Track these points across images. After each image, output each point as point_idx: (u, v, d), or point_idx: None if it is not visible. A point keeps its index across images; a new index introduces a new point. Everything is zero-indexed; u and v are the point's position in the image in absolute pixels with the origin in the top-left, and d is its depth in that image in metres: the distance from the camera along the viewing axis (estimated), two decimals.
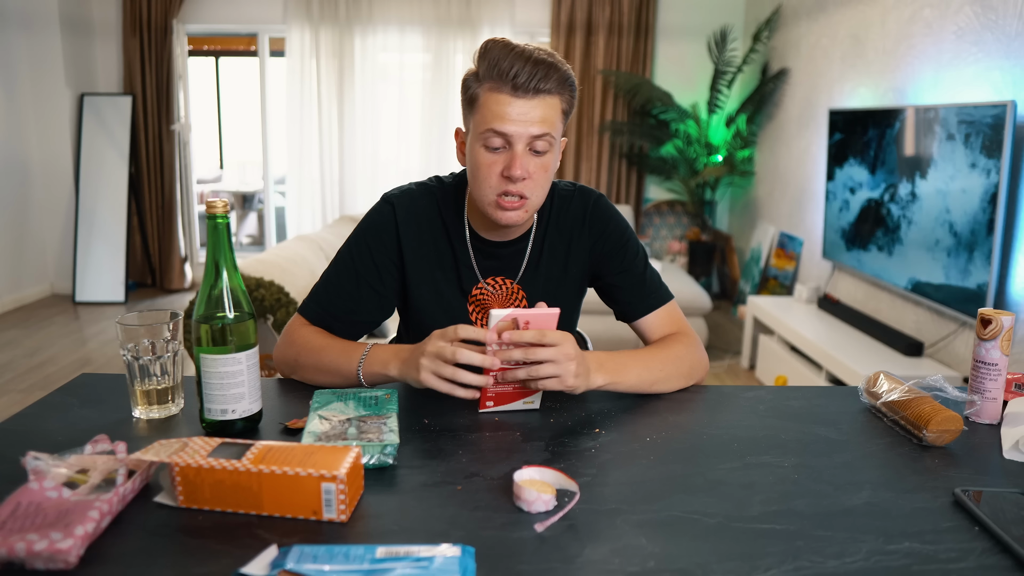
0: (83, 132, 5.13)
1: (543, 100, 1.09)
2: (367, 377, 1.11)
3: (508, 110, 1.08)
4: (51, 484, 0.74)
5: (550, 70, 1.08)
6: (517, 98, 1.08)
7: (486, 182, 1.13)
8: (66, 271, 5.29)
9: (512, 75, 1.07)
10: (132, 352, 1.01)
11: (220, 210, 0.93)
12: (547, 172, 1.14)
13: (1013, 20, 2.54)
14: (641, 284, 1.28)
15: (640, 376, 1.13)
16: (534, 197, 1.15)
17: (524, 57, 1.07)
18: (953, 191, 2.70)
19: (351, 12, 5.22)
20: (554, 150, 1.14)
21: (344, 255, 1.24)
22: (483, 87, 1.10)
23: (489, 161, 1.12)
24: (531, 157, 1.12)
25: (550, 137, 1.11)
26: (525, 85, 1.07)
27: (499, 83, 1.08)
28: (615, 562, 0.70)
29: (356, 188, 5.48)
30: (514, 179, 1.10)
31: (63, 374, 3.64)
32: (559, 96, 1.11)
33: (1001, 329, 1.04)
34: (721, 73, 4.96)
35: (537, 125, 1.09)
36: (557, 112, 1.12)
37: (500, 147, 1.11)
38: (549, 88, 1.09)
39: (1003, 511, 0.79)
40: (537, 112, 1.09)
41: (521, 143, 1.10)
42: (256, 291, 2.43)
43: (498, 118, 1.09)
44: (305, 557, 0.66)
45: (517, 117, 1.09)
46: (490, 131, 1.10)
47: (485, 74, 1.10)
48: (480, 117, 1.11)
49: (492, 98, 1.09)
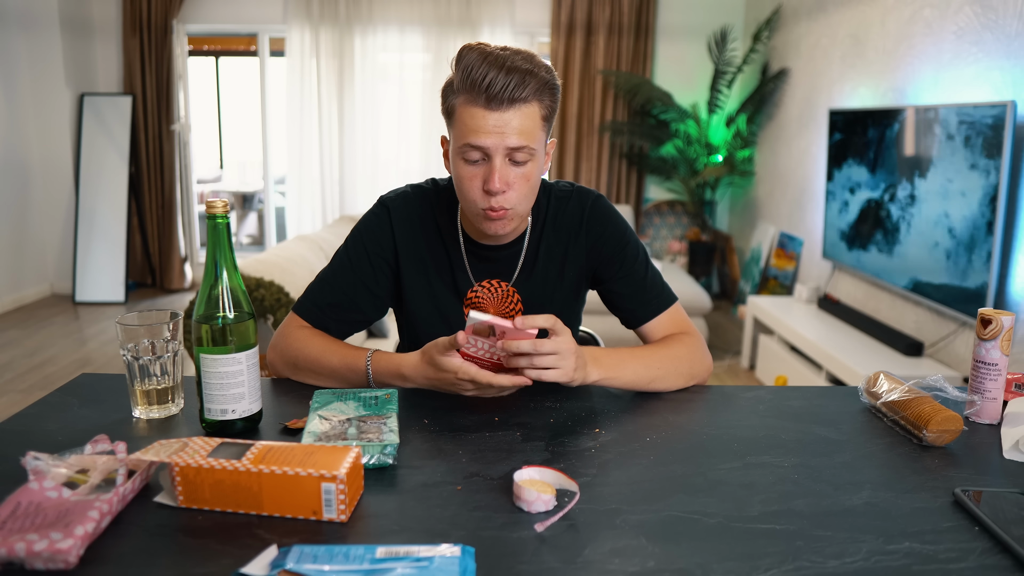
0: (83, 132, 5.13)
1: (519, 110, 1.06)
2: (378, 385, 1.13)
3: (483, 123, 1.06)
4: (51, 484, 0.74)
5: (526, 77, 1.05)
6: (491, 110, 1.05)
7: (468, 195, 1.12)
8: (66, 271, 5.29)
9: (485, 85, 1.04)
10: (132, 352, 1.01)
11: (220, 210, 0.93)
12: (529, 181, 1.12)
13: (1013, 20, 2.54)
14: (643, 289, 1.26)
15: (637, 373, 1.13)
16: (519, 207, 1.13)
17: (498, 65, 1.04)
18: (953, 191, 2.70)
19: (351, 12, 5.22)
20: (536, 159, 1.12)
21: (341, 256, 1.25)
22: (459, 99, 1.08)
23: (469, 174, 1.11)
24: (511, 168, 1.10)
25: (529, 149, 1.09)
26: (499, 96, 1.04)
27: (473, 95, 1.06)
28: (615, 562, 0.70)
29: (356, 188, 5.48)
30: (493, 193, 1.09)
31: (63, 374, 3.64)
32: (538, 103, 1.08)
33: (1001, 329, 1.04)
34: (721, 73, 4.96)
35: (515, 136, 1.07)
36: (535, 120, 1.09)
37: (479, 160, 1.09)
38: (525, 96, 1.06)
39: (1003, 511, 0.79)
40: (514, 123, 1.06)
41: (499, 156, 1.08)
42: (256, 291, 2.43)
43: (473, 132, 1.07)
44: (305, 557, 0.66)
45: (492, 130, 1.06)
46: (467, 145, 1.08)
47: (459, 85, 1.07)
48: (457, 131, 1.10)
49: (467, 112, 1.07)
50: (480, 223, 1.15)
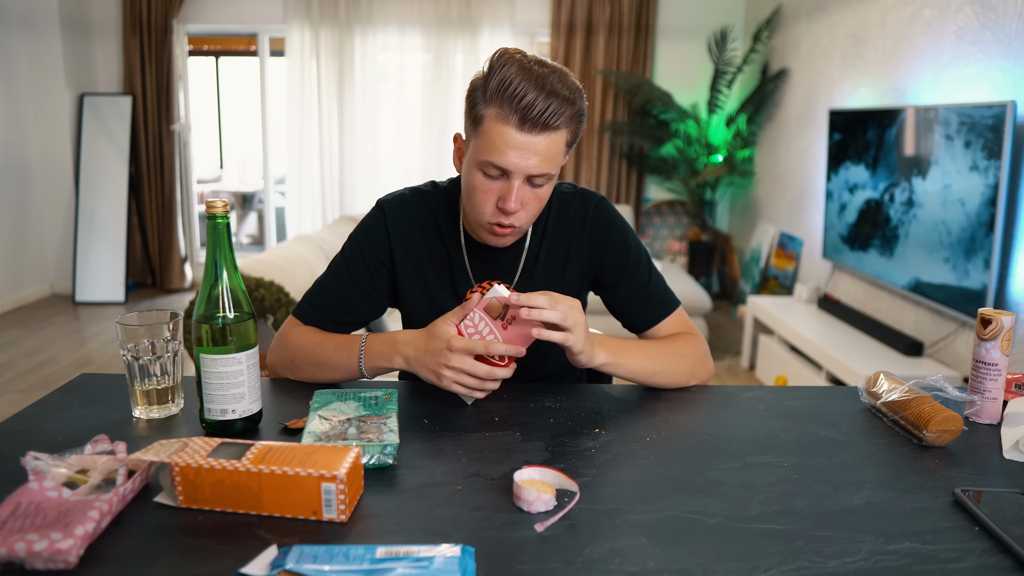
0: (83, 132, 5.13)
1: (549, 136, 1.04)
2: (369, 370, 1.12)
3: (511, 144, 1.03)
4: (51, 484, 0.74)
5: (563, 105, 1.02)
6: (523, 132, 1.03)
7: (480, 207, 1.11)
8: (66, 271, 5.29)
9: (523, 105, 1.01)
10: (132, 352, 1.01)
11: (220, 210, 0.93)
12: (541, 201, 1.12)
13: (1013, 20, 2.54)
14: (646, 294, 1.26)
15: (642, 363, 1.13)
16: (526, 223, 1.13)
17: (538, 86, 1.01)
18: (953, 191, 2.70)
19: (351, 12, 5.22)
20: (552, 181, 1.11)
21: (339, 259, 1.26)
22: (489, 110, 1.04)
23: (485, 187, 1.09)
24: (527, 189, 1.09)
25: (548, 176, 1.08)
26: (535, 120, 1.01)
27: (507, 111, 1.02)
28: (615, 562, 0.70)
29: (356, 188, 5.48)
30: (507, 212, 1.09)
31: (63, 374, 3.64)
32: (567, 130, 1.06)
33: (1001, 329, 1.04)
34: (721, 73, 4.96)
35: (539, 163, 1.05)
36: (561, 146, 1.07)
37: (497, 176, 1.08)
38: (559, 124, 1.04)
39: (1003, 511, 0.79)
40: (541, 147, 1.04)
41: (519, 178, 1.07)
42: (256, 291, 2.43)
43: (498, 152, 1.04)
44: (305, 557, 0.66)
45: (519, 153, 1.04)
46: (489, 162, 1.06)
47: (494, 94, 1.03)
48: (481, 143, 1.06)
49: (496, 129, 1.04)
50: (483, 234, 1.15)
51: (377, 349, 1.11)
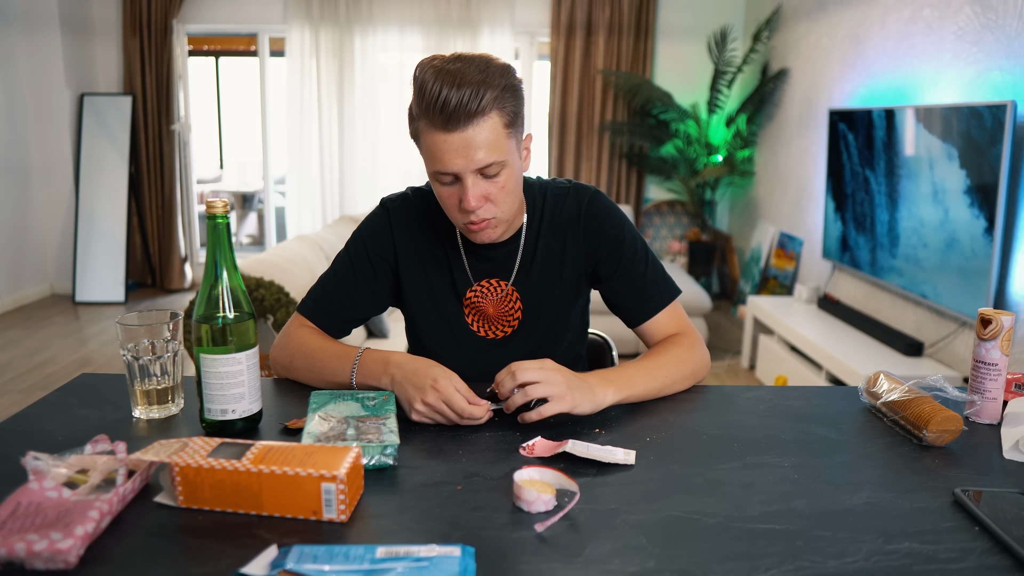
0: (83, 132, 5.13)
1: (479, 125, 1.03)
2: (359, 385, 1.13)
3: (446, 147, 1.04)
4: (51, 484, 0.74)
5: (479, 89, 1.01)
6: (451, 131, 1.03)
7: (450, 212, 1.14)
8: (66, 271, 5.29)
9: (440, 106, 1.01)
10: (132, 352, 1.01)
11: (220, 210, 0.93)
12: (505, 189, 1.11)
13: (1013, 20, 2.54)
14: (643, 286, 1.26)
15: (648, 385, 1.13)
16: (501, 214, 1.13)
17: (450, 81, 1.01)
18: (953, 191, 2.70)
19: (351, 12, 5.22)
20: (508, 167, 1.09)
21: (343, 256, 1.27)
22: (421, 122, 1.07)
23: (446, 193, 1.11)
24: (484, 183, 1.08)
25: (498, 163, 1.07)
26: (456, 115, 1.02)
27: (432, 117, 1.03)
28: (615, 562, 0.70)
29: (356, 188, 5.48)
30: (469, 211, 1.09)
31: (63, 374, 3.64)
32: (498, 111, 1.04)
33: (1001, 329, 1.04)
34: (721, 73, 4.96)
35: (481, 153, 1.04)
36: (498, 130, 1.05)
37: (451, 181, 1.09)
38: (483, 108, 1.02)
39: (1003, 511, 0.79)
40: (477, 139, 1.03)
41: (469, 175, 1.07)
42: (256, 291, 2.43)
43: (438, 159, 1.06)
44: (305, 557, 0.66)
45: (457, 152, 1.04)
46: (436, 172, 1.08)
47: (418, 108, 1.06)
48: (426, 156, 1.09)
49: (431, 138, 1.05)
50: (467, 234, 1.17)
51: (370, 366, 1.11)
